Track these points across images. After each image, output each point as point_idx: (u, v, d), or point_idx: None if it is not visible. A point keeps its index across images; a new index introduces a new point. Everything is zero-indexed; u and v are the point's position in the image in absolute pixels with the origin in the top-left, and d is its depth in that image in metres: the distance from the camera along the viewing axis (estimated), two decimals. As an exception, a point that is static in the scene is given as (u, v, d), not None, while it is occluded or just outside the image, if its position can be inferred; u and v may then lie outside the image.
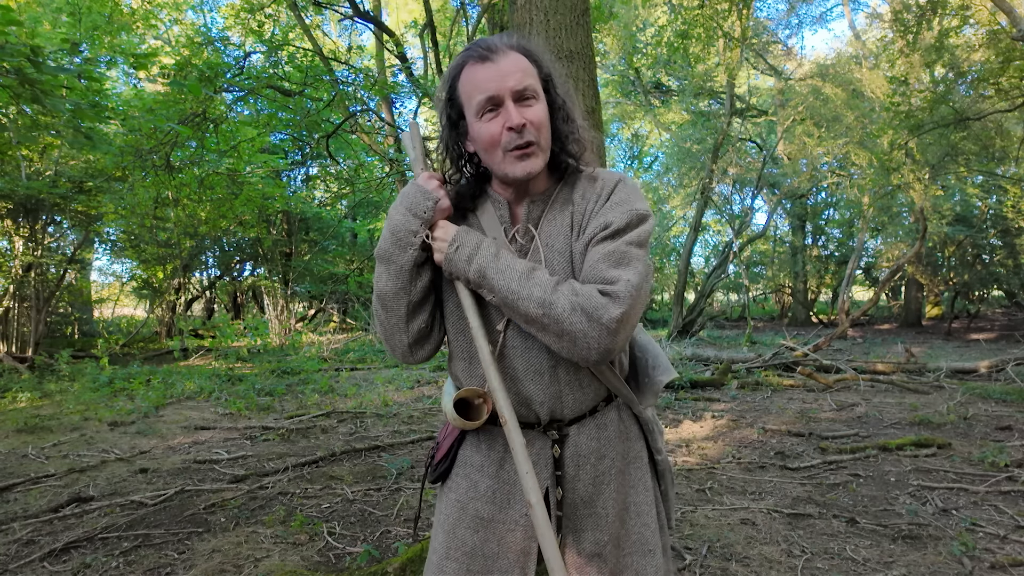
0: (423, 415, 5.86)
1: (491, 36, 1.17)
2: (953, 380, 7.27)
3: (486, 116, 1.10)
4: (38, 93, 2.91)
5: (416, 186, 1.15)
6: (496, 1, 5.89)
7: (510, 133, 1.09)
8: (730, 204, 19.55)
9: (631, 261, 1.05)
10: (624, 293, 1.01)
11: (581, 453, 1.18)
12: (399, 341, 1.18)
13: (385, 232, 1.15)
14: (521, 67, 1.11)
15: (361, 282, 14.87)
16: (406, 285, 1.13)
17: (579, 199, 1.17)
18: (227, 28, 9.52)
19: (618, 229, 1.08)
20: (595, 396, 1.19)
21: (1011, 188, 12.81)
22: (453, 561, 1.18)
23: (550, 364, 1.14)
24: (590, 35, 2.53)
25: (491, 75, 1.09)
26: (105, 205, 9.69)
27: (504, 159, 1.11)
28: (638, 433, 1.28)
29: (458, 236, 1.11)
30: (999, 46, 8.52)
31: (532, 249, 1.16)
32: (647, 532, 1.22)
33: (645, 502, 1.24)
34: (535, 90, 1.11)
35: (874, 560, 2.72)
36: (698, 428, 5.23)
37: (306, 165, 13.94)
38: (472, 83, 1.11)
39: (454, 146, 1.19)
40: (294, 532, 3.06)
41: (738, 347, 11.59)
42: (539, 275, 1.06)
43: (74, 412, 5.89)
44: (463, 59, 1.13)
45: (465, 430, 1.23)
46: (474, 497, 1.20)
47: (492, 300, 1.09)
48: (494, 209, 1.20)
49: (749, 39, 13.50)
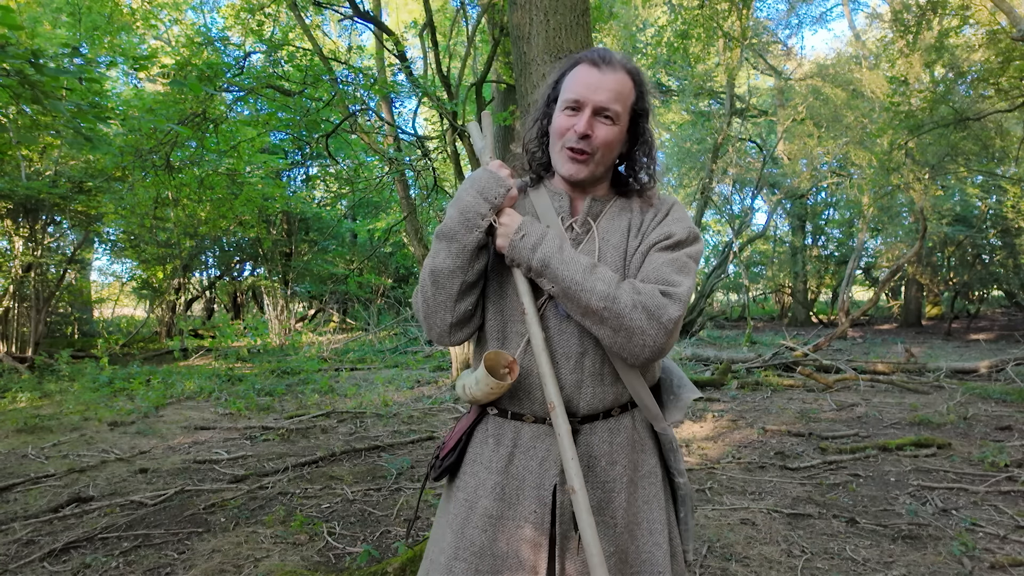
0: (423, 415, 5.86)
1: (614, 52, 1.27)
2: (953, 380, 7.27)
3: (567, 111, 1.21)
4: (38, 94, 2.91)
5: (488, 172, 1.20)
6: (496, 1, 5.89)
7: (573, 134, 1.19)
8: (730, 204, 19.55)
9: (688, 271, 1.16)
10: (683, 296, 1.11)
11: (592, 454, 1.18)
12: (441, 320, 1.20)
13: (452, 212, 1.18)
14: (619, 89, 1.20)
15: (361, 282, 14.87)
16: (464, 265, 1.17)
17: (637, 209, 1.28)
18: (227, 28, 9.51)
19: (679, 241, 1.19)
20: (614, 399, 1.20)
21: (1011, 188, 12.81)
22: (462, 562, 1.17)
23: (579, 351, 1.17)
24: (590, 35, 2.53)
25: (590, 81, 1.19)
26: (105, 205, 9.68)
27: (560, 152, 1.22)
28: (653, 448, 1.27)
29: (524, 224, 1.16)
30: (999, 46, 8.51)
31: (587, 240, 1.23)
32: (658, 552, 1.19)
33: (658, 520, 1.22)
34: (617, 114, 1.20)
35: (874, 560, 2.72)
36: (698, 428, 5.23)
37: (306, 165, 13.93)
38: (574, 80, 1.21)
39: (540, 122, 1.29)
40: (294, 532, 3.06)
41: (738, 347, 11.59)
42: (602, 270, 1.13)
43: (74, 412, 5.88)
44: (581, 57, 1.24)
45: (487, 402, 1.22)
46: (482, 495, 1.19)
47: (551, 290, 1.13)
48: (551, 200, 1.27)
49: (749, 39, 13.49)
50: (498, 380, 1.14)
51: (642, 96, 1.24)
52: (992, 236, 15.49)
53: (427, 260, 1.21)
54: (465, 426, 1.27)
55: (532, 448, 1.19)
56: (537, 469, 1.17)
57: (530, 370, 1.18)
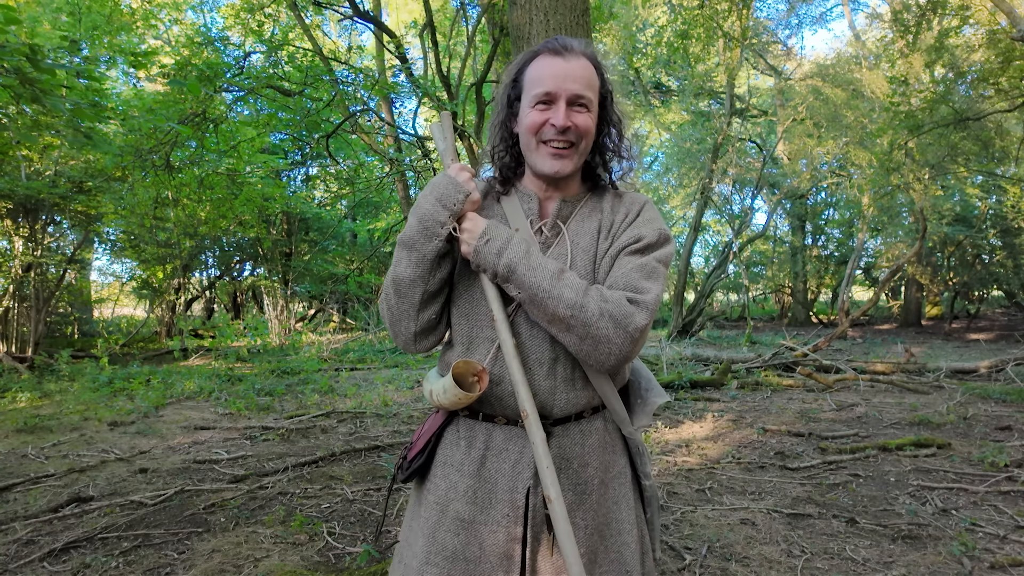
0: (423, 415, 5.86)
1: (571, 38, 1.22)
2: (953, 380, 7.27)
3: (538, 106, 1.16)
4: (38, 93, 2.91)
5: (447, 177, 1.16)
6: (496, 1, 5.89)
7: (551, 128, 1.15)
8: (730, 204, 19.55)
9: (657, 276, 1.13)
10: (651, 304, 1.08)
11: (565, 456, 1.17)
12: (405, 328, 1.19)
13: (412, 220, 1.16)
14: (587, 75, 1.17)
15: (361, 282, 14.86)
16: (425, 274, 1.15)
17: (608, 209, 1.24)
18: (227, 28, 9.51)
19: (649, 244, 1.16)
20: (586, 401, 1.19)
21: (1011, 188, 12.81)
22: (434, 567, 1.15)
23: (551, 357, 1.15)
24: (590, 35, 2.53)
25: (557, 71, 1.15)
26: (105, 205, 9.68)
27: (538, 150, 1.18)
28: (622, 449, 1.26)
29: (488, 229, 1.13)
30: (999, 46, 8.51)
31: (557, 243, 1.20)
32: (626, 552, 1.19)
33: (627, 520, 1.22)
34: (590, 101, 1.17)
35: (874, 560, 2.72)
36: (698, 428, 5.23)
37: (306, 165, 13.93)
38: (538, 72, 1.17)
39: (505, 124, 1.24)
40: (294, 532, 3.06)
41: (738, 347, 11.59)
42: (569, 277, 1.10)
43: (74, 412, 5.88)
44: (539, 49, 1.19)
45: (455, 409, 1.19)
46: (454, 498, 1.17)
47: (517, 296, 1.11)
48: (520, 202, 1.24)
49: (749, 39, 13.50)
50: (466, 392, 1.11)
51: (605, 79, 1.22)
52: (992, 236, 15.49)
53: (390, 269, 1.19)
54: (434, 427, 1.24)
55: (505, 451, 1.17)
56: (510, 472, 1.15)
57: (501, 376, 1.15)
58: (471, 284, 1.20)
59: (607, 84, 1.22)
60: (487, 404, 1.18)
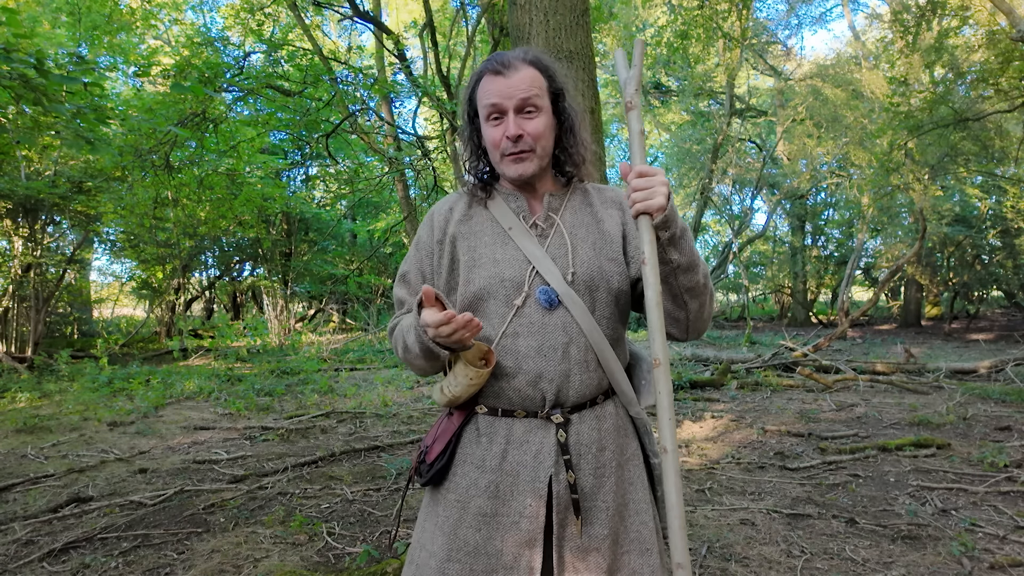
0: (423, 415, 5.86)
1: (509, 51, 1.29)
2: (952, 380, 7.27)
3: (491, 121, 1.24)
4: (40, 96, 2.91)
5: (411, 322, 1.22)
6: (496, 1, 5.89)
7: (507, 140, 1.22)
8: (730, 204, 19.56)
9: None
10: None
11: (583, 442, 1.20)
12: (421, 373, 1.32)
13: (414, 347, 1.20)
14: (529, 82, 1.22)
15: (360, 282, 14.86)
16: (435, 363, 1.23)
17: (598, 203, 1.33)
18: (227, 28, 9.51)
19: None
20: (598, 385, 1.23)
21: (1011, 188, 12.82)
22: (456, 563, 1.17)
23: (564, 341, 1.18)
24: (590, 35, 2.53)
25: (500, 88, 1.21)
26: (104, 205, 9.68)
27: (502, 161, 1.26)
28: (633, 432, 1.31)
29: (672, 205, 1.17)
30: (998, 47, 8.52)
31: (554, 234, 1.26)
32: (645, 531, 1.23)
33: (643, 500, 1.26)
34: (538, 103, 1.23)
35: (873, 560, 2.72)
36: (698, 428, 5.23)
37: (306, 165, 13.94)
38: (484, 93, 1.24)
39: (471, 138, 1.33)
40: (294, 532, 3.06)
41: (738, 347, 11.59)
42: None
43: (73, 412, 5.88)
44: (482, 70, 1.27)
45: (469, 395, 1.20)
46: (475, 495, 1.19)
47: (676, 259, 1.15)
48: (506, 202, 1.30)
49: (749, 39, 13.50)
50: (477, 369, 1.15)
51: (553, 78, 1.27)
52: (992, 236, 15.48)
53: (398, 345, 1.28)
54: (454, 428, 1.26)
55: (526, 442, 1.19)
56: (531, 463, 1.18)
57: (519, 368, 1.18)
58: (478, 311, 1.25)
59: (557, 82, 1.27)
60: (505, 399, 1.21)
